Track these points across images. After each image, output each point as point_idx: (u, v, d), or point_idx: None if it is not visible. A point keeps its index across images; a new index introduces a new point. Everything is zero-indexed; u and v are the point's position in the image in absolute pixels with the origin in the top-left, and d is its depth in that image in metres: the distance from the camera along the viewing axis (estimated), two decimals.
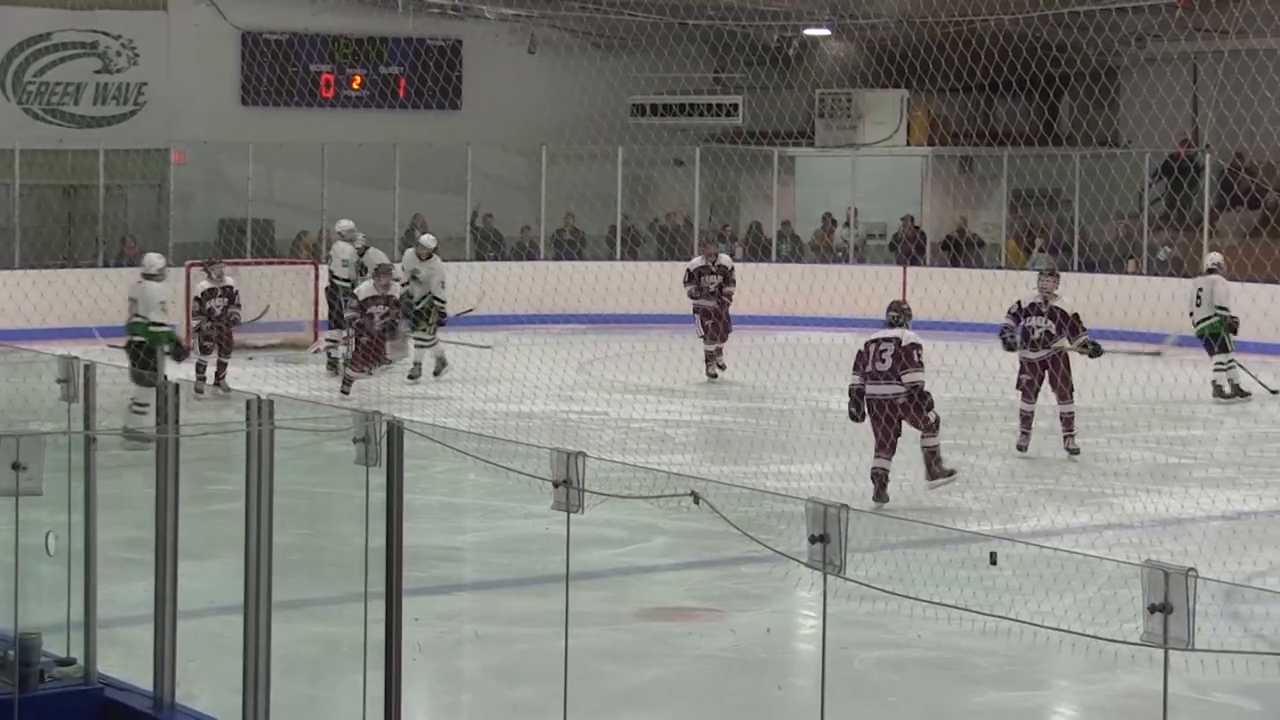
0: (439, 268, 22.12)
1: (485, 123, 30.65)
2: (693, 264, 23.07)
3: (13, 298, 24.37)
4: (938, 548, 12.02)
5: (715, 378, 21.88)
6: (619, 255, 30.00)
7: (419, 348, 21.62)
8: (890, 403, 14.79)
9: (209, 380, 19.98)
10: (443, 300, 21.85)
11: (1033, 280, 18.23)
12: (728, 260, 23.14)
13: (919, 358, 14.84)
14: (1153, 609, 5.48)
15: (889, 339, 14.97)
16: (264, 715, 7.60)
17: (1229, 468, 16.33)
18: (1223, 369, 20.94)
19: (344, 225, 23.19)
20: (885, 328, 15.19)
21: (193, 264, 24.85)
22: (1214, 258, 21.73)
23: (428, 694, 9.85)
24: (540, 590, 11.60)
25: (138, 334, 17.96)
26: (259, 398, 7.74)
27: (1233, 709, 9.53)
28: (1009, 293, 18.56)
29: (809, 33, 31.13)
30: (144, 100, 28.83)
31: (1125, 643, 5.85)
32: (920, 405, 14.76)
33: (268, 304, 23.03)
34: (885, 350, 14.89)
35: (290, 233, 28.85)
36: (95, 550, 8.23)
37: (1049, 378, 16.77)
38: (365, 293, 20.58)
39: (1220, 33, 27.59)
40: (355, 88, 30.82)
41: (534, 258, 29.66)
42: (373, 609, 7.68)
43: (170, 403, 7.98)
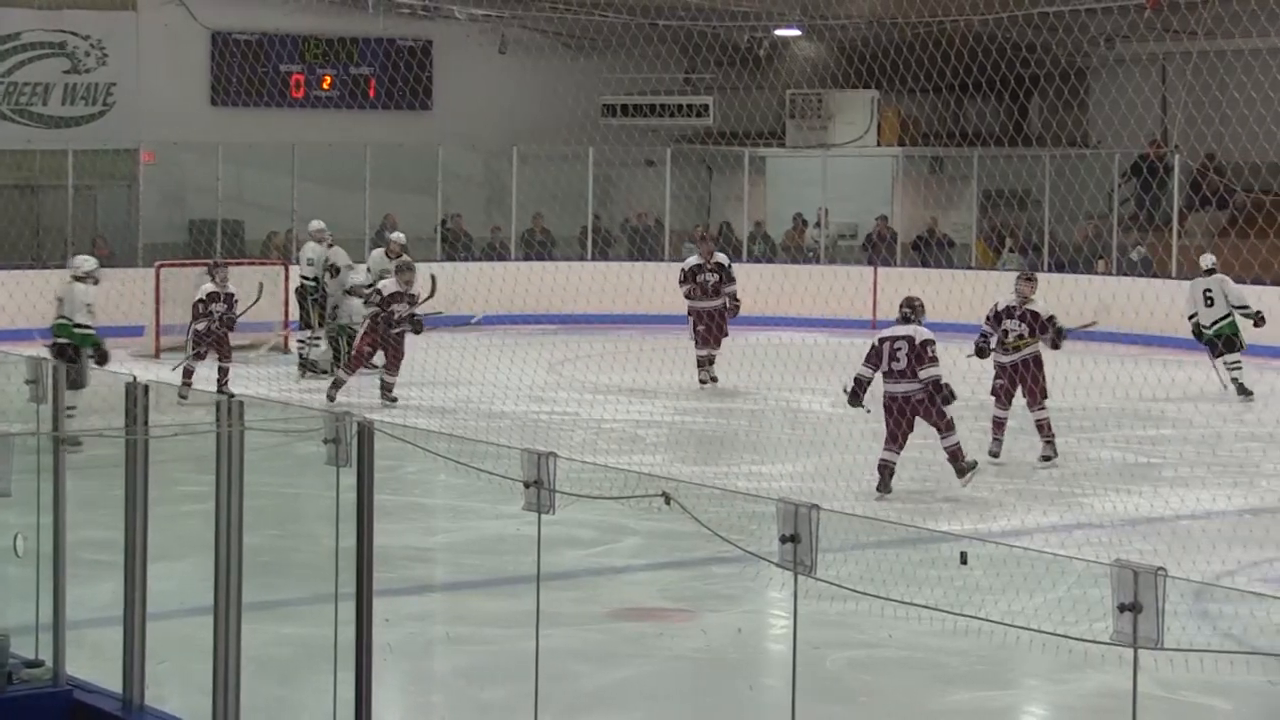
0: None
1: (456, 123, 30.62)
2: (688, 263, 22.38)
3: None
4: (908, 548, 12.03)
5: (706, 384, 21.17)
6: (590, 255, 30.00)
7: None
8: (907, 399, 15.01)
9: (186, 384, 19.75)
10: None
11: (1003, 280, 18.26)
12: (724, 258, 22.42)
13: (933, 353, 15.02)
14: (1122, 608, 5.49)
15: (902, 336, 15.14)
16: (234, 717, 7.58)
17: (1198, 467, 16.36)
18: (1239, 367, 21.08)
19: (315, 226, 23.14)
20: (899, 324, 15.31)
21: (162, 265, 24.82)
22: (1211, 258, 21.77)
23: (398, 695, 9.83)
24: (511, 591, 11.57)
25: (61, 336, 17.85)
26: (229, 399, 7.72)
27: (1202, 708, 9.56)
28: (979, 293, 18.62)
29: (779, 33, 31.15)
30: (113, 100, 28.74)
31: (1095, 642, 5.86)
32: (937, 401, 14.95)
33: (260, 282, 22.77)
34: (900, 349, 15.10)
35: (260, 233, 28.80)
36: (64, 552, 8.21)
37: (1021, 382, 16.65)
38: (389, 289, 19.91)
39: (1189, 34, 27.66)
40: (325, 88, 30.77)
41: (504, 258, 29.64)
42: (343, 610, 7.67)
43: (139, 404, 7.95)
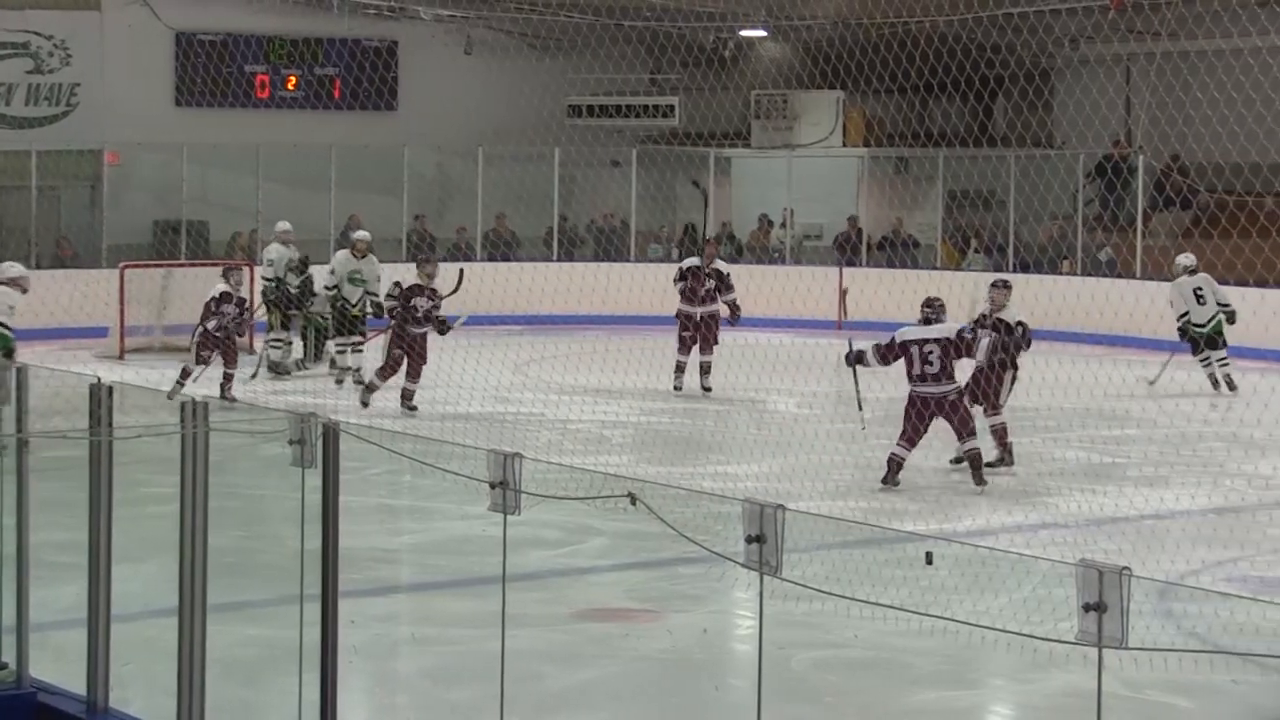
0: (375, 264, 21.90)
1: (421, 124, 30.58)
2: (686, 263, 21.78)
3: None
4: (874, 548, 12.05)
5: (679, 390, 20.72)
6: (555, 256, 30.00)
7: (356, 352, 21.31)
8: (940, 402, 15.23)
9: (180, 384, 19.56)
10: (378, 295, 21.55)
11: (968, 280, 18.29)
12: (723, 265, 21.55)
13: (970, 340, 15.44)
14: (1087, 608, 5.50)
15: (932, 340, 15.34)
16: (199, 718, 7.57)
17: (1163, 467, 16.41)
18: (1227, 363, 21.29)
19: (282, 227, 23.04)
20: (920, 325, 15.41)
21: (127, 266, 24.74)
22: (1192, 257, 21.90)
23: (364, 696, 9.81)
24: (477, 591, 11.56)
25: None
26: (194, 400, 7.70)
27: (1166, 707, 9.58)
28: (944, 294, 18.56)
29: (744, 34, 31.18)
30: (77, 101, 28.66)
31: (1060, 641, 5.88)
32: (960, 408, 15.27)
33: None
34: (931, 352, 15.31)
35: (225, 234, 28.74)
36: (28, 553, 8.18)
37: (978, 386, 16.50)
38: (408, 282, 19.36)
39: (1153, 35, 27.75)
40: (290, 88, 30.71)
41: (470, 259, 29.60)
42: (309, 611, 7.66)
43: (103, 405, 7.93)
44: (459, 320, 20.08)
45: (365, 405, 18.99)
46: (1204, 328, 21.31)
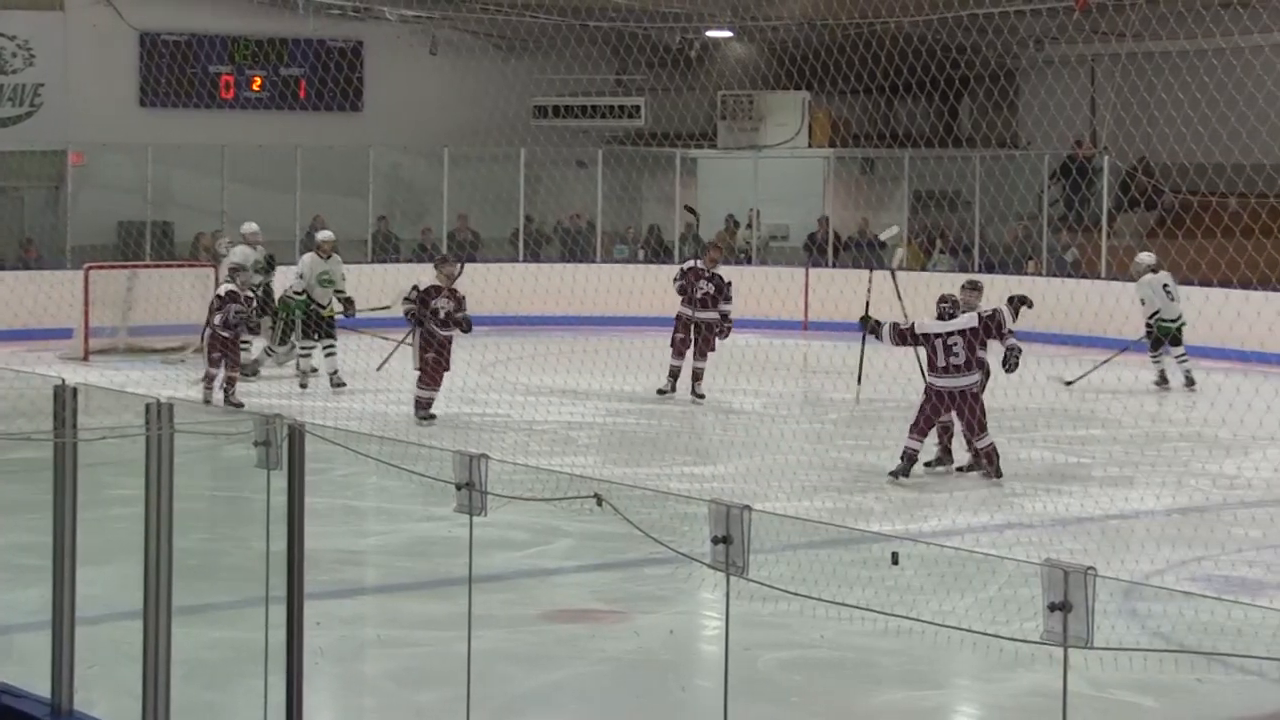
0: (340, 263, 21.78)
1: (387, 124, 30.56)
2: (686, 264, 21.37)
3: None
4: (840, 548, 12.05)
5: (666, 393, 20.33)
6: (521, 257, 29.97)
7: (329, 355, 21.14)
8: (960, 394, 15.42)
9: (215, 393, 19.47)
10: (345, 292, 21.45)
11: (934, 281, 18.33)
12: (724, 273, 20.89)
13: (1000, 318, 15.65)
14: (1052, 607, 5.51)
15: (955, 332, 15.49)
16: None
17: (1128, 467, 16.45)
18: (1186, 359, 21.51)
19: (250, 228, 22.90)
20: (939, 320, 15.62)
21: (91, 267, 24.65)
22: (1154, 255, 22.15)
23: (330, 698, 9.79)
24: (443, 593, 11.55)
25: None
26: (158, 401, 7.67)
27: (1131, 706, 9.60)
28: (910, 293, 18.64)
29: (710, 34, 31.20)
30: (41, 101, 28.56)
31: (1025, 641, 5.88)
32: (978, 406, 15.48)
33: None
34: (955, 344, 15.48)
35: (191, 235, 28.66)
36: None
37: (959, 411, 16.62)
38: (425, 283, 18.95)
39: (1117, 35, 27.82)
40: (255, 89, 30.65)
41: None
42: (274, 613, 7.64)
43: (68, 407, 7.90)
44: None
45: (430, 419, 18.51)
46: (1174, 323, 21.56)
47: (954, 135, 31.82)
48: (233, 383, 19.54)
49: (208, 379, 19.60)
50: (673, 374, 20.38)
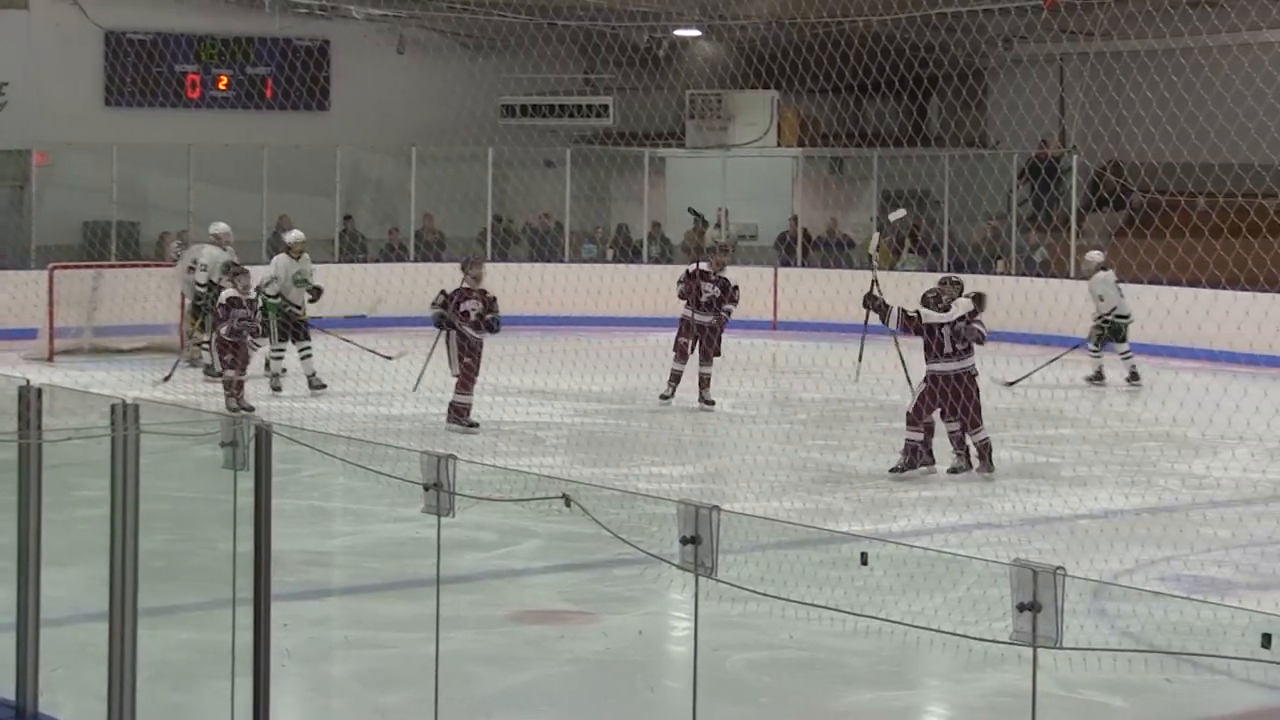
0: (309, 261, 21.63)
1: (354, 124, 30.48)
2: (691, 266, 20.80)
3: None
4: (809, 548, 12.03)
5: (668, 399, 19.88)
6: (489, 257, 29.90)
7: (305, 357, 20.97)
8: (959, 377, 15.66)
9: (242, 395, 19.31)
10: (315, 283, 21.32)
11: (903, 280, 18.33)
12: (730, 275, 20.61)
13: (978, 323, 15.92)
14: (1022, 607, 5.50)
15: (948, 322, 15.81)
16: None
17: (1096, 466, 16.47)
18: (1130, 355, 21.94)
19: (221, 229, 22.59)
20: (937, 312, 15.88)
21: (56, 267, 24.55)
22: (1102, 253, 22.44)
23: (297, 700, 9.75)
24: (411, 594, 11.51)
25: None
26: (123, 402, 7.63)
27: (1100, 706, 9.60)
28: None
29: (679, 33, 31.18)
30: (4, 100, 28.41)
31: (995, 641, 5.87)
32: (974, 395, 15.76)
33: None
34: (944, 334, 15.78)
35: (156, 235, 28.55)
36: None
37: (955, 399, 16.68)
38: (454, 286, 18.58)
39: (1086, 35, 27.88)
40: (221, 88, 30.55)
41: (403, 259, 29.52)
42: (241, 615, 7.60)
43: (33, 407, 7.86)
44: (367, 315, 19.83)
45: (474, 427, 18.20)
46: (1128, 318, 21.82)
47: (923, 135, 31.85)
48: (241, 386, 19.34)
49: (228, 384, 19.28)
50: (674, 379, 19.97)
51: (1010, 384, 20.96)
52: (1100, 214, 29.10)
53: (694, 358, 19.99)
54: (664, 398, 19.91)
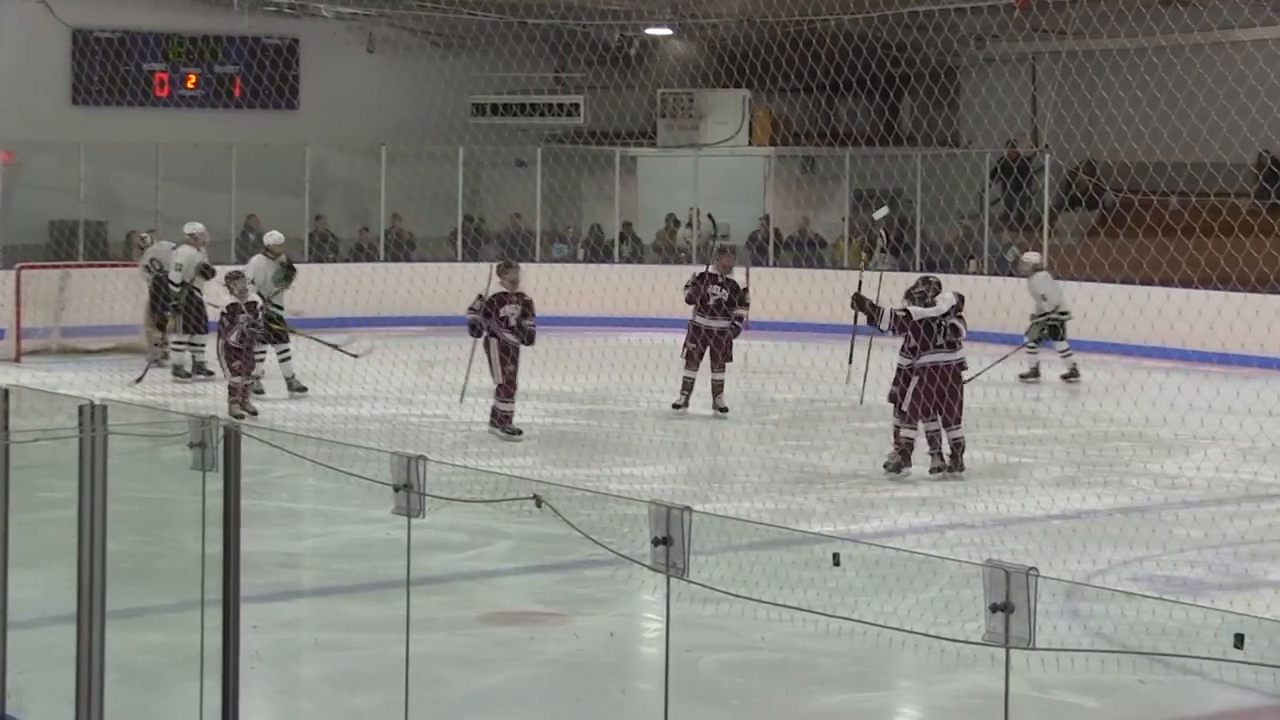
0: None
1: (323, 123, 30.42)
2: (698, 270, 20.50)
3: None
4: (781, 549, 11.99)
5: (680, 408, 19.41)
6: (460, 257, 29.86)
7: (284, 360, 20.80)
8: (948, 366, 15.76)
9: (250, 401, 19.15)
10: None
11: (874, 280, 18.31)
12: (740, 276, 20.37)
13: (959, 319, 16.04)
14: (994, 608, 5.47)
15: (941, 314, 15.89)
16: None
17: (1069, 467, 16.47)
18: (1070, 352, 22.25)
19: (196, 229, 22.37)
20: (923, 307, 15.95)
21: (23, 267, 24.45)
22: (1038, 254, 22.83)
23: (267, 702, 9.70)
24: (381, 596, 11.46)
25: None
26: (91, 403, 7.57)
27: (1073, 707, 9.59)
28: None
29: (650, 32, 31.18)
30: None
31: (967, 642, 5.83)
32: (960, 391, 15.85)
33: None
34: (948, 323, 15.93)
35: (124, 235, 28.44)
36: None
37: (943, 400, 16.72)
38: (492, 290, 18.21)
39: (1058, 34, 27.91)
40: (190, 87, 30.47)
41: (373, 259, 29.45)
42: (210, 617, 7.56)
43: (0, 409, 7.81)
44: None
45: (518, 435, 17.96)
46: (1068, 315, 22.11)
47: (895, 134, 31.86)
48: (246, 392, 19.19)
49: (233, 390, 19.11)
50: (686, 386, 19.52)
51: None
52: (1072, 213, 29.13)
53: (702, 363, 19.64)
54: (677, 406, 19.46)
